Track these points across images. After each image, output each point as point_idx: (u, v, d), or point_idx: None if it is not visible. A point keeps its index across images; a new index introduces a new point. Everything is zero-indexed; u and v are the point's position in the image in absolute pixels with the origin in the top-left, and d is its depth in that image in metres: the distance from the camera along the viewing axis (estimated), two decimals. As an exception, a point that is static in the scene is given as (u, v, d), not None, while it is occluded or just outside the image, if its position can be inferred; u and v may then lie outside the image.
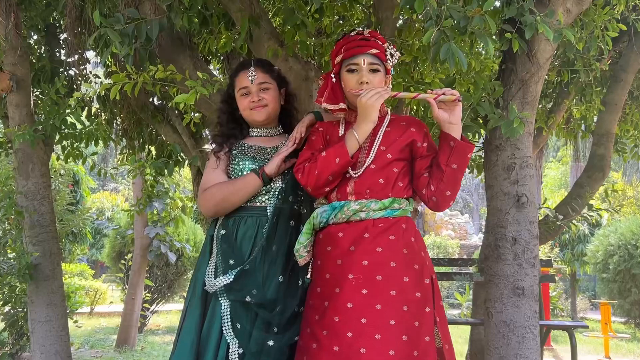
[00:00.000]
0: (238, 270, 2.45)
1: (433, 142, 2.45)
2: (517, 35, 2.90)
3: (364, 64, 2.36)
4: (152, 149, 5.46)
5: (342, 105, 2.46)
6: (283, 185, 2.61)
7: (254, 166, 2.61)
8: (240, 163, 2.63)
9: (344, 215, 2.34)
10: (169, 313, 13.31)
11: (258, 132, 2.76)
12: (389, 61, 2.43)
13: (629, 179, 17.57)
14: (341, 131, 2.48)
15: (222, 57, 4.18)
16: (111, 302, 13.22)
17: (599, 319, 9.78)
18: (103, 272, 18.08)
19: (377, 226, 2.32)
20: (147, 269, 9.59)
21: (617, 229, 11.10)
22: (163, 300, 11.30)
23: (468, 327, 6.16)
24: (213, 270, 2.53)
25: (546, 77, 3.71)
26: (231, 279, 2.44)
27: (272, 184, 2.60)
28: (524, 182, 3.27)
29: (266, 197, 2.60)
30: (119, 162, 5.91)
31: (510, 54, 3.27)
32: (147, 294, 10.34)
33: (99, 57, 3.33)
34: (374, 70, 2.39)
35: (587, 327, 5.86)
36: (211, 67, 4.53)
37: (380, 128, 2.40)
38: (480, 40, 2.72)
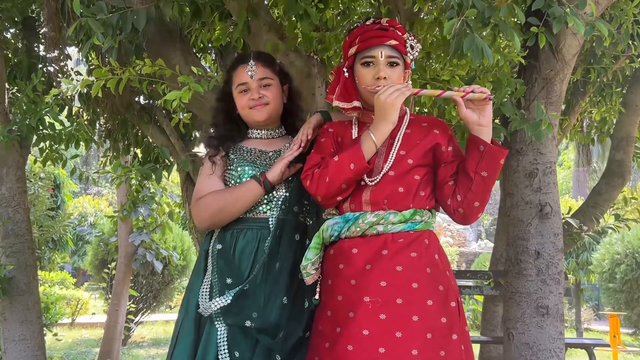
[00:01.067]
0: (236, 291, 2.15)
1: (459, 146, 2.16)
2: (543, 28, 2.61)
3: (381, 57, 2.09)
4: (138, 151, 5.22)
5: (356, 104, 2.17)
6: (287, 194, 2.31)
7: (254, 172, 2.31)
8: (239, 168, 2.33)
9: (358, 229, 2.05)
10: (154, 324, 12.92)
11: (258, 133, 2.45)
12: (409, 54, 2.13)
13: (633, 184, 17.32)
14: (354, 133, 2.19)
15: (215, 52, 3.85)
16: (93, 314, 12.80)
17: (603, 330, 9.48)
18: (85, 280, 17.62)
19: (396, 241, 2.03)
20: (131, 278, 9.22)
21: (623, 236, 10.66)
22: (149, 311, 10.91)
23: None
24: (208, 290, 2.23)
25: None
26: (229, 301, 2.14)
27: (274, 192, 2.31)
28: (548, 190, 3.00)
29: (268, 207, 2.30)
30: (102, 165, 5.61)
31: (532, 50, 2.99)
32: (132, 305, 9.95)
33: (80, 53, 3.01)
34: (392, 64, 2.11)
35: (608, 345, 5.54)
36: (203, 63, 4.22)
37: (399, 129, 2.12)
38: (506, 34, 2.42)
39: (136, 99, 4.51)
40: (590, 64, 4.08)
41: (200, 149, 5.16)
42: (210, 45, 3.44)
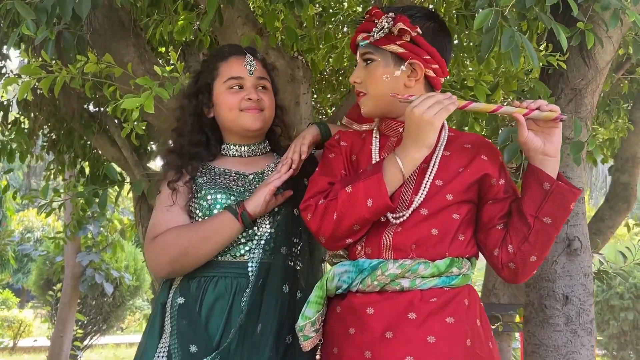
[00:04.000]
0: (204, 364, 1.58)
1: (510, 177, 1.64)
2: (591, 25, 2.12)
3: (358, 59, 1.67)
4: (86, 165, 4.64)
5: (365, 127, 1.77)
6: (272, 230, 1.77)
7: (229, 201, 1.75)
8: (209, 197, 1.77)
9: (376, 282, 1.52)
10: (104, 347, 12.22)
11: (236, 149, 1.90)
12: (376, 37, 1.58)
13: (596, 202, 17.14)
14: (374, 151, 1.66)
15: (177, 49, 3.26)
16: (35, 340, 11.94)
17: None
18: (30, 299, 16.59)
19: (427, 301, 1.50)
20: (78, 301, 8.50)
21: (593, 257, 10.44)
22: (98, 334, 10.17)
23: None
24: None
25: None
26: (192, 379, 1.56)
27: (256, 228, 1.75)
28: (576, 221, 2.52)
29: (247, 248, 1.75)
30: (44, 180, 5.02)
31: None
32: (79, 330, 9.22)
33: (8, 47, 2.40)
34: (366, 62, 1.63)
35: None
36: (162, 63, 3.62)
37: (434, 151, 1.59)
38: (548, 27, 1.92)
39: (85, 105, 4.07)
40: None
41: (158, 163, 4.60)
42: (171, 40, 2.86)
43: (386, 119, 1.67)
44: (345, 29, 2.97)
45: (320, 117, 3.91)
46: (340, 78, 3.96)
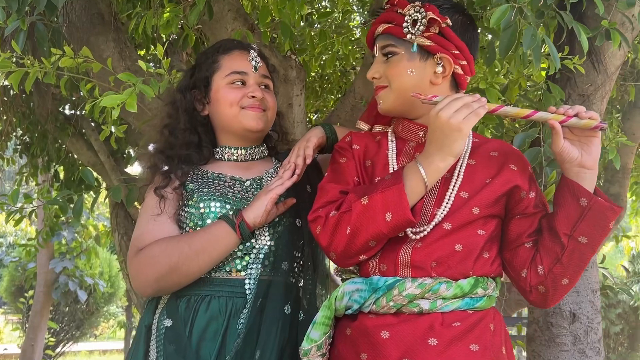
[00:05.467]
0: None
1: (541, 190, 1.49)
2: (615, 23, 1.98)
3: (376, 53, 1.52)
4: (60, 169, 4.50)
5: (378, 128, 1.61)
6: (272, 243, 1.59)
7: (224, 210, 1.57)
8: (201, 204, 1.58)
9: (392, 303, 1.35)
10: (76, 355, 11.95)
11: (232, 152, 1.72)
12: (414, 32, 1.41)
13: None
14: (391, 155, 1.49)
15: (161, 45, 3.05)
16: (5, 349, 11.58)
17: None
18: (1, 305, 16.14)
19: (449, 326, 1.34)
20: (51, 308, 8.24)
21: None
22: (71, 342, 9.90)
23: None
24: (149, 389, 1.47)
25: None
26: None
27: (254, 240, 1.57)
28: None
29: (244, 264, 1.57)
30: (16, 184, 4.83)
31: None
32: (51, 338, 8.95)
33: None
34: (386, 56, 1.47)
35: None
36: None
37: (458, 159, 1.43)
38: (569, 26, 1.78)
39: (60, 107, 3.95)
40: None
41: (136, 169, 4.43)
42: (155, 36, 2.66)
43: (404, 120, 1.50)
44: (341, 30, 2.79)
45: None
46: (325, 85, 3.81)
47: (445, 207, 1.37)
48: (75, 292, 8.38)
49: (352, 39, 2.75)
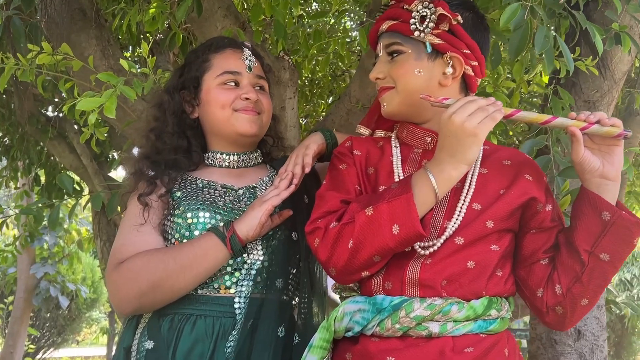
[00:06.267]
0: None
1: (557, 202, 1.38)
2: (627, 27, 1.88)
3: (380, 52, 1.40)
4: (41, 173, 4.43)
5: (380, 134, 1.49)
6: (265, 259, 1.46)
7: (214, 221, 1.44)
8: (189, 214, 1.45)
9: (398, 326, 1.22)
10: (58, 362, 11.60)
11: (224, 157, 1.59)
12: (422, 30, 1.30)
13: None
14: (396, 162, 1.37)
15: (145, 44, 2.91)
16: (-18, 358, 11.38)
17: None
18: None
19: (461, 352, 1.21)
20: (31, 314, 8.07)
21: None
22: (52, 348, 9.73)
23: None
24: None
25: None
26: None
27: (246, 255, 1.44)
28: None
29: (233, 280, 1.43)
30: None
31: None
32: (31, 345, 8.77)
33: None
34: (391, 55, 1.36)
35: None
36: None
37: (469, 168, 1.30)
38: (583, 27, 1.67)
39: (42, 109, 3.89)
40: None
41: (120, 173, 4.31)
42: (140, 34, 2.53)
43: (409, 124, 1.38)
44: (337, 30, 2.68)
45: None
46: (316, 89, 3.71)
47: (457, 219, 1.25)
48: (56, 298, 8.23)
49: (349, 39, 2.63)
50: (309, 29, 2.68)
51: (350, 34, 2.44)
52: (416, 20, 1.31)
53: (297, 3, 2.04)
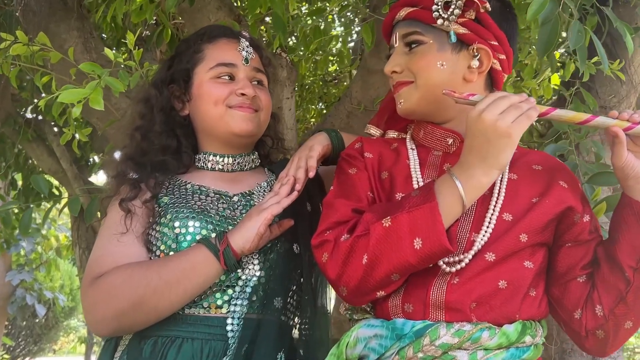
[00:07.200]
0: None
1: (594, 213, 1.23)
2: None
3: (395, 42, 1.24)
4: (18, 177, 4.37)
5: (392, 134, 1.34)
6: (262, 274, 1.29)
7: (205, 232, 1.27)
8: (177, 223, 1.27)
9: (421, 355, 1.06)
10: (35, 370, 11.35)
11: (217, 160, 1.42)
12: (447, 17, 1.15)
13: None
14: (413, 166, 1.21)
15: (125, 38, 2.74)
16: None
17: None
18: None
19: None
20: (6, 323, 7.87)
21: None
22: (27, 357, 9.52)
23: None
24: None
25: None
26: None
27: (241, 271, 1.27)
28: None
29: (226, 298, 1.26)
30: None
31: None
32: (5, 355, 8.55)
33: None
34: (409, 45, 1.21)
35: None
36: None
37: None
38: (614, 24, 1.53)
39: (21, 110, 3.78)
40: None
41: (101, 178, 4.16)
42: (126, 23, 2.36)
43: (428, 124, 1.23)
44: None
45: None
46: (306, 94, 3.58)
47: (486, 232, 1.09)
48: (33, 307, 8.02)
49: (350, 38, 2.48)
50: (307, 26, 2.53)
51: (352, 30, 2.29)
52: (439, 7, 1.16)
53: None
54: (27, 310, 8.29)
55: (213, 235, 1.24)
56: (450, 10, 1.15)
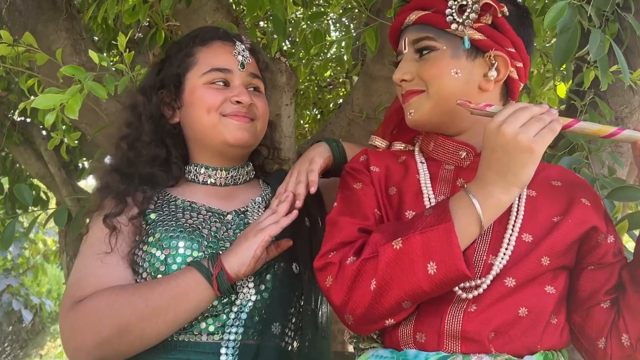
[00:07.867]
0: None
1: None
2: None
3: (405, 49, 1.15)
4: (5, 181, 4.18)
5: (399, 146, 1.27)
6: (258, 298, 1.18)
7: (197, 254, 1.16)
8: (165, 243, 1.17)
9: None
10: (20, 377, 11.17)
11: (209, 173, 1.32)
12: (462, 22, 1.07)
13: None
14: (423, 180, 1.12)
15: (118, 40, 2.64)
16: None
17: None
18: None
19: None
20: (-9, 329, 7.81)
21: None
22: (13, 363, 9.42)
23: None
24: None
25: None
26: None
27: (235, 296, 1.16)
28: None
29: (219, 324, 1.16)
30: None
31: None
32: (-11, 362, 8.46)
33: None
34: (420, 52, 1.12)
35: None
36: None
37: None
38: (637, 32, 1.45)
39: (9, 113, 3.58)
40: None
41: (91, 182, 4.10)
42: (117, 25, 2.26)
43: (439, 136, 1.14)
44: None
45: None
46: (301, 100, 3.49)
47: (505, 254, 1.01)
48: (19, 312, 7.92)
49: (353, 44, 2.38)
50: (307, 29, 2.44)
51: (352, 35, 2.19)
52: (454, 11, 1.08)
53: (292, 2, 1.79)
54: (13, 316, 8.19)
55: (205, 257, 1.13)
56: (466, 14, 1.07)
